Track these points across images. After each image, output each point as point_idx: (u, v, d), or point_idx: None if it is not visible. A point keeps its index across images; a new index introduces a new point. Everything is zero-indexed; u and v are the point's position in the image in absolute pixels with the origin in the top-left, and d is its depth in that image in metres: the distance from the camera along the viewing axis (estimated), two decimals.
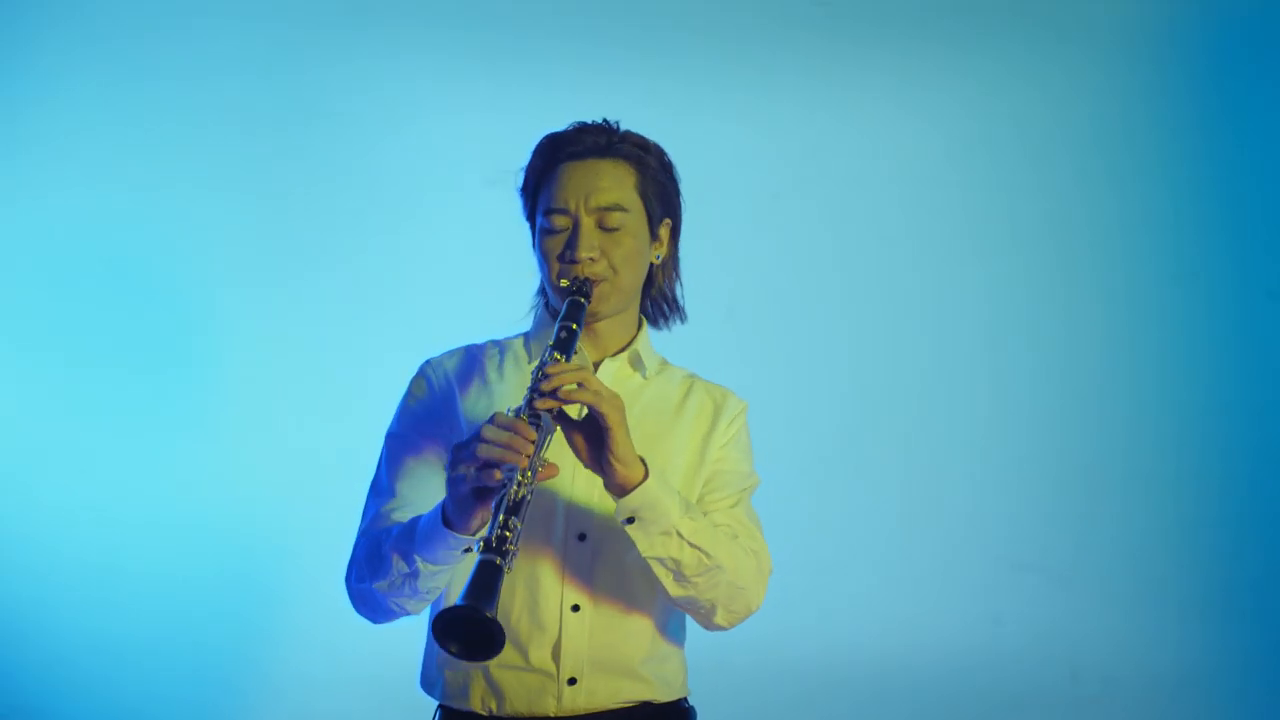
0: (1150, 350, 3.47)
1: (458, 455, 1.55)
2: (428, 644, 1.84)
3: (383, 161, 3.38)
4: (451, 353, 1.89)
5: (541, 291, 1.88)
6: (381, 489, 1.82)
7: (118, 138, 3.34)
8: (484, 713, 1.74)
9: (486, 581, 1.45)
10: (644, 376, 1.85)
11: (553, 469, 1.56)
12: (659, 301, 1.91)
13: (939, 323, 3.47)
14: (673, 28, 3.44)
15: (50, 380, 3.33)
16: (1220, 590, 3.43)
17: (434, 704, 1.83)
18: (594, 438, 1.61)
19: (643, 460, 1.63)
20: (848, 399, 3.45)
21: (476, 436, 1.53)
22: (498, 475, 1.52)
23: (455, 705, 1.78)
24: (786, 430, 3.21)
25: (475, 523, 1.58)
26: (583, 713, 1.74)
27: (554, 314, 1.83)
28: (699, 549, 1.67)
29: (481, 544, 1.49)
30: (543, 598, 1.73)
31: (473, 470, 1.53)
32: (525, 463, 1.51)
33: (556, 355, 1.63)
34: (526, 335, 1.90)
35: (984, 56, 3.47)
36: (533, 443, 1.52)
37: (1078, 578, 3.43)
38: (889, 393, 3.46)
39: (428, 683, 1.83)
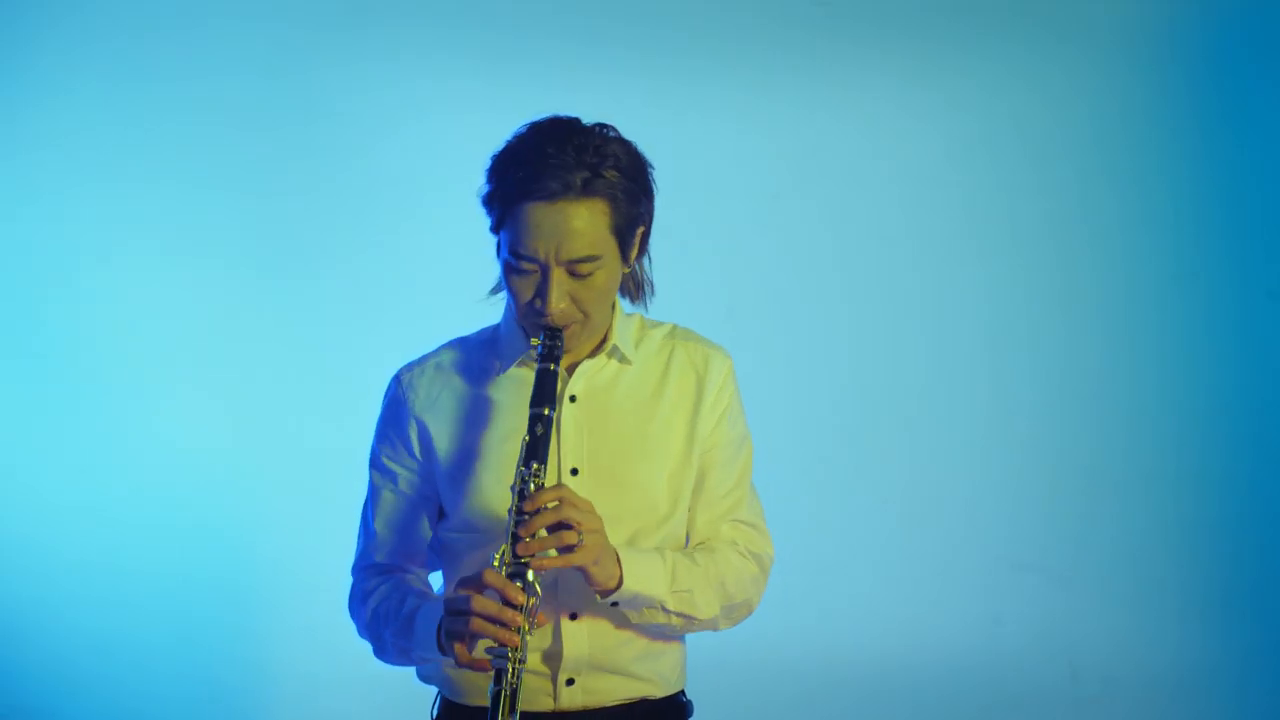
0: (1150, 350, 3.46)
1: (451, 623, 1.58)
2: None
3: (383, 161, 3.37)
4: (422, 366, 1.84)
5: None
6: (370, 528, 1.85)
7: (118, 138, 3.34)
8: (484, 704, 1.73)
9: None
10: (620, 360, 1.81)
11: (544, 620, 1.65)
12: (628, 284, 1.84)
13: (939, 323, 3.46)
14: (673, 28, 3.43)
15: (50, 380, 3.33)
16: (1220, 590, 3.43)
17: (432, 694, 1.85)
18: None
19: (619, 559, 1.65)
20: (848, 399, 3.45)
21: (468, 608, 1.54)
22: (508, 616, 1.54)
23: (456, 700, 1.80)
24: (786, 430, 3.21)
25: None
26: (580, 709, 1.75)
27: (522, 329, 1.76)
28: (685, 615, 1.73)
29: None
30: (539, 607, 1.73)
31: (462, 645, 1.57)
32: (519, 640, 1.54)
33: (535, 468, 1.60)
34: (498, 344, 1.83)
35: (984, 56, 3.46)
36: (522, 608, 1.54)
37: (1078, 578, 3.43)
38: (889, 393, 3.45)
39: (425, 677, 1.84)
